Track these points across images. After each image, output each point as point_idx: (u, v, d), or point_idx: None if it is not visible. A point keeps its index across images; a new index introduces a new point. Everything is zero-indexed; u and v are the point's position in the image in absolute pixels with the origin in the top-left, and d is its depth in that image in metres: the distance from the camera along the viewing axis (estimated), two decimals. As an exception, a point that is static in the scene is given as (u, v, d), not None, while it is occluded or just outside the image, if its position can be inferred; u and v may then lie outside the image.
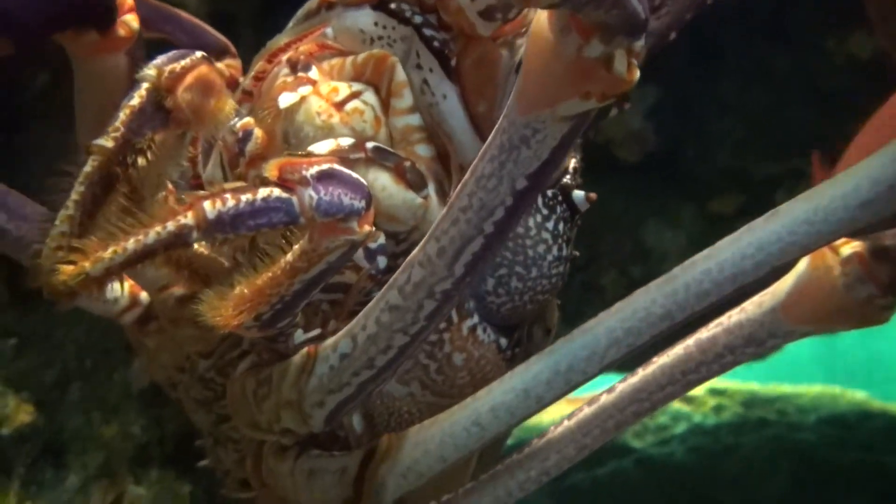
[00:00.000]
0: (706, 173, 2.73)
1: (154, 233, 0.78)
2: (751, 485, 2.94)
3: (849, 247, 0.94)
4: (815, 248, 0.88)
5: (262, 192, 0.79)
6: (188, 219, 0.77)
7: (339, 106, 0.98)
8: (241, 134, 0.99)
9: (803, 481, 2.93)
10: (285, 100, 0.98)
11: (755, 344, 0.95)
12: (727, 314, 0.97)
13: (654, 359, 0.99)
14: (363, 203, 0.81)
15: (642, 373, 0.99)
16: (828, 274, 0.92)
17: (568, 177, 1.08)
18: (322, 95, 0.99)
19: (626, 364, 1.02)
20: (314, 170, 0.80)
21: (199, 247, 0.98)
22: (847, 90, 2.40)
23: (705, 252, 0.90)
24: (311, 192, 0.79)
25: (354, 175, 0.82)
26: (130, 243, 0.77)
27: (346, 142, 0.97)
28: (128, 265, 0.78)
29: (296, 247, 0.83)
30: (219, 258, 1.00)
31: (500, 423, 0.96)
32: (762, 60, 2.52)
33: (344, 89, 0.99)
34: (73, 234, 0.82)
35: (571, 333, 0.95)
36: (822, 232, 0.84)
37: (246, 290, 0.84)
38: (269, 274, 0.84)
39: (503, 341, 1.07)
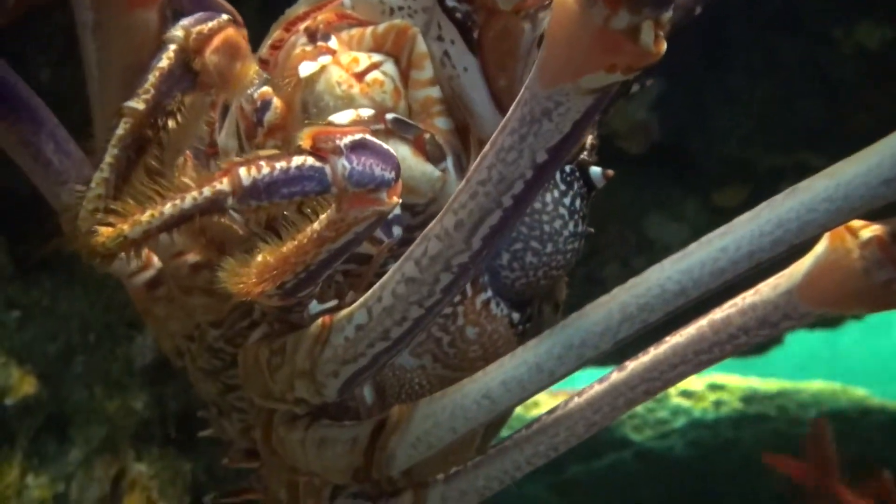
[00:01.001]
0: (711, 165, 2.72)
1: (191, 198, 0.77)
2: (750, 479, 2.95)
3: (868, 230, 0.93)
4: (834, 226, 0.87)
5: (297, 161, 0.78)
6: (224, 185, 0.77)
7: (360, 76, 0.98)
8: (259, 103, 0.99)
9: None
10: (305, 69, 0.97)
11: (769, 326, 0.94)
12: (741, 296, 0.96)
13: (667, 338, 0.98)
14: (393, 174, 0.81)
15: (654, 352, 0.98)
16: (846, 257, 0.91)
17: (585, 153, 1.07)
18: (342, 65, 0.98)
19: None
20: (347, 139, 0.79)
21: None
22: (855, 80, 2.39)
23: (722, 229, 0.89)
24: (343, 161, 0.78)
25: (385, 146, 0.81)
26: (168, 207, 0.77)
27: (366, 113, 0.96)
28: (165, 229, 0.78)
29: (322, 216, 0.82)
30: (233, 226, 0.99)
31: (511, 396, 0.95)
32: (769, 51, 2.51)
33: (364, 60, 0.99)
34: (109, 196, 0.82)
35: (584, 309, 0.94)
36: (843, 209, 0.83)
37: (270, 259, 0.83)
38: (295, 243, 0.83)
39: (515, 316, 1.07)
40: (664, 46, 0.73)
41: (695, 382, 3.51)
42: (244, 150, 1.03)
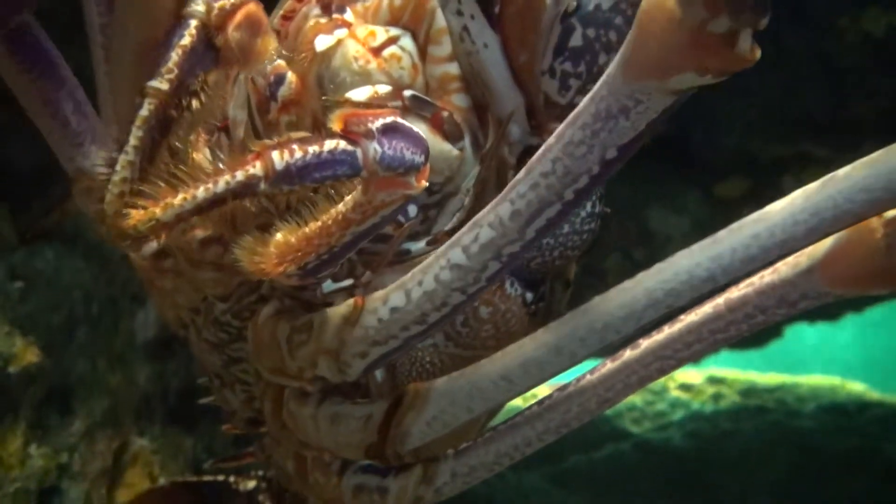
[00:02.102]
0: (713, 157, 2.70)
1: (224, 182, 0.76)
2: (748, 470, 2.95)
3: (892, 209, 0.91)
4: (870, 216, 0.85)
5: (329, 145, 0.77)
6: (257, 169, 0.76)
7: (377, 51, 0.96)
8: (272, 78, 0.97)
9: (801, 467, 2.94)
10: (321, 42, 0.95)
11: (787, 305, 0.92)
12: (759, 274, 0.94)
13: (682, 316, 0.98)
14: (422, 158, 0.80)
15: (668, 330, 0.97)
16: (869, 236, 0.89)
17: None
18: (358, 39, 0.96)
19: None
20: (379, 122, 0.78)
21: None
22: (861, 68, 2.36)
23: (754, 216, 0.87)
24: (375, 145, 0.77)
25: (416, 129, 0.80)
26: (201, 191, 0.76)
27: (384, 89, 0.94)
28: (197, 213, 0.77)
29: (348, 198, 0.81)
30: (246, 205, 0.98)
31: (530, 378, 0.94)
32: (774, 39, 2.48)
33: (381, 34, 0.97)
34: (134, 178, 0.81)
35: (608, 292, 0.93)
36: (882, 199, 0.81)
37: (293, 239, 0.82)
38: (319, 224, 0.82)
39: (529, 295, 1.06)
40: (759, 53, 0.72)
41: (694, 376, 3.52)
42: (255, 123, 1.02)
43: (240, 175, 0.76)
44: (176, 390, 1.92)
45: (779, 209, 0.86)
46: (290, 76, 0.97)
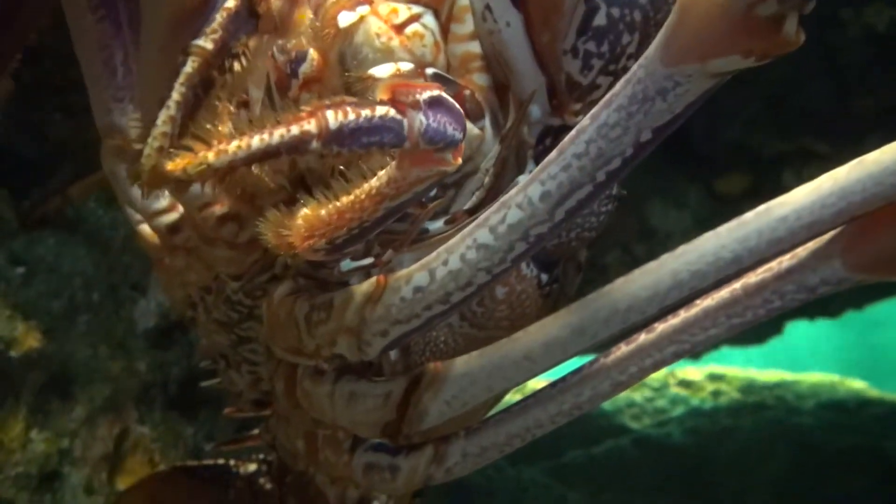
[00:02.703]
0: (714, 151, 2.70)
1: (279, 134, 0.75)
2: (748, 466, 2.95)
3: None
4: None
5: (380, 111, 0.75)
6: (311, 126, 0.74)
7: (399, 29, 0.95)
8: (294, 54, 0.96)
9: (800, 463, 2.94)
10: (344, 19, 0.94)
11: (806, 290, 0.91)
12: (777, 259, 0.94)
13: (698, 301, 0.97)
14: (461, 135, 0.79)
15: (684, 314, 0.96)
16: (892, 221, 0.89)
17: None
18: (381, 16, 0.95)
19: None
20: (426, 95, 0.77)
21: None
22: (863, 62, 2.35)
23: (781, 198, 0.86)
24: (421, 116, 0.76)
25: (457, 105, 0.79)
26: (255, 140, 0.75)
27: (406, 67, 0.93)
28: (249, 161, 0.75)
29: (381, 173, 0.80)
30: (265, 179, 0.97)
31: (552, 358, 0.94)
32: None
33: (403, 11, 0.95)
34: (175, 134, 0.80)
35: (632, 273, 0.92)
36: None
37: (323, 213, 0.81)
38: (352, 198, 0.81)
39: (544, 277, 1.06)
40: (803, 37, 0.71)
41: (694, 372, 3.52)
42: (273, 101, 1.00)
43: (294, 129, 0.75)
44: (176, 379, 1.90)
45: (806, 192, 0.85)
46: (313, 53, 0.95)
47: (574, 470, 2.93)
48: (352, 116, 0.75)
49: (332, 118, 0.74)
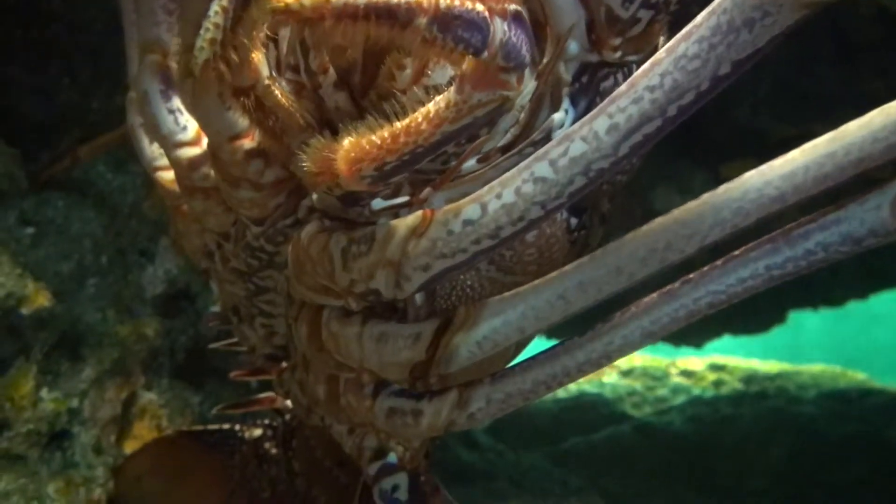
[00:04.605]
0: (721, 136, 2.68)
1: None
2: (748, 454, 2.95)
3: None
4: None
5: (479, 7, 0.74)
6: (424, 2, 0.73)
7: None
8: None
9: (801, 451, 2.94)
10: None
11: (852, 242, 0.89)
12: (821, 211, 0.92)
13: (735, 252, 0.96)
14: (529, 60, 0.78)
15: (722, 264, 0.95)
16: None
17: None
18: None
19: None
20: (512, 7, 0.76)
21: (282, 96, 0.94)
22: (876, 44, 2.34)
23: (829, 135, 0.85)
24: (505, 26, 0.75)
25: (530, 28, 0.79)
26: None
27: None
28: (358, 14, 0.72)
29: (439, 98, 0.79)
30: (296, 114, 0.96)
31: (587, 298, 0.92)
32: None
33: None
34: (222, 38, 0.79)
35: (672, 212, 0.91)
36: None
37: (374, 137, 0.80)
38: (407, 121, 0.79)
39: (573, 221, 1.05)
40: None
41: (695, 363, 3.52)
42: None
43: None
44: (183, 347, 1.88)
45: (856, 127, 0.83)
46: None
47: (574, 456, 2.93)
48: (457, 3, 0.73)
49: (444, 1, 0.73)
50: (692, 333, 3.36)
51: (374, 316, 1.02)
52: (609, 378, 3.44)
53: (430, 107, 0.79)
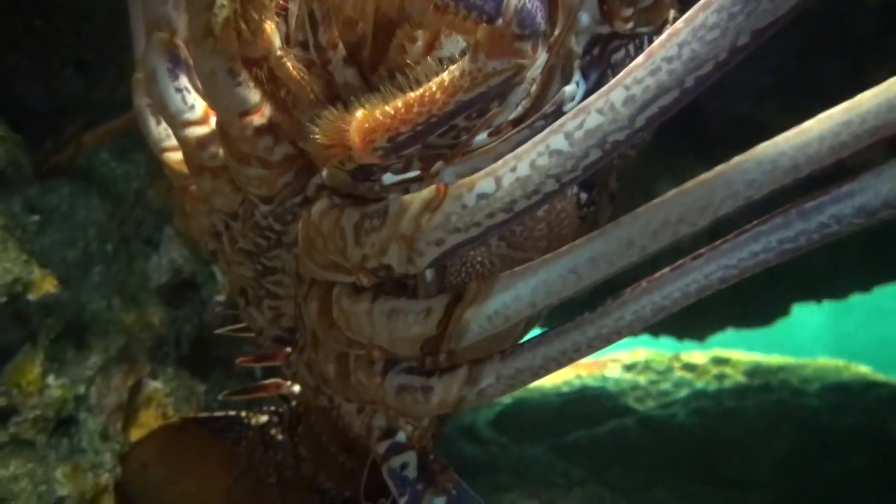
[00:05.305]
0: (724, 128, 2.69)
1: None
2: (752, 445, 2.95)
3: None
4: None
5: None
6: None
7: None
8: None
9: (804, 443, 2.94)
10: None
11: (866, 214, 0.88)
12: (836, 184, 0.92)
13: (748, 226, 0.96)
14: (544, 29, 0.78)
15: (733, 239, 0.95)
16: None
17: None
18: None
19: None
20: None
21: (293, 68, 0.94)
22: (879, 33, 2.34)
23: (845, 104, 0.84)
24: None
25: None
26: None
27: None
28: None
29: (454, 67, 0.79)
30: (307, 88, 0.96)
31: (598, 272, 0.91)
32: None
33: None
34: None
35: (685, 185, 0.90)
36: None
37: (387, 107, 0.79)
38: (421, 91, 0.79)
39: (584, 196, 1.05)
40: None
41: (698, 356, 3.51)
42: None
43: None
44: (188, 337, 1.89)
45: (872, 95, 0.83)
46: None
47: (577, 448, 2.92)
48: None
49: None
50: (695, 326, 3.36)
51: (385, 293, 1.01)
52: (612, 372, 3.44)
53: (445, 76, 0.79)
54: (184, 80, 1.08)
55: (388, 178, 0.98)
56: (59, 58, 1.95)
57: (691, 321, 3.21)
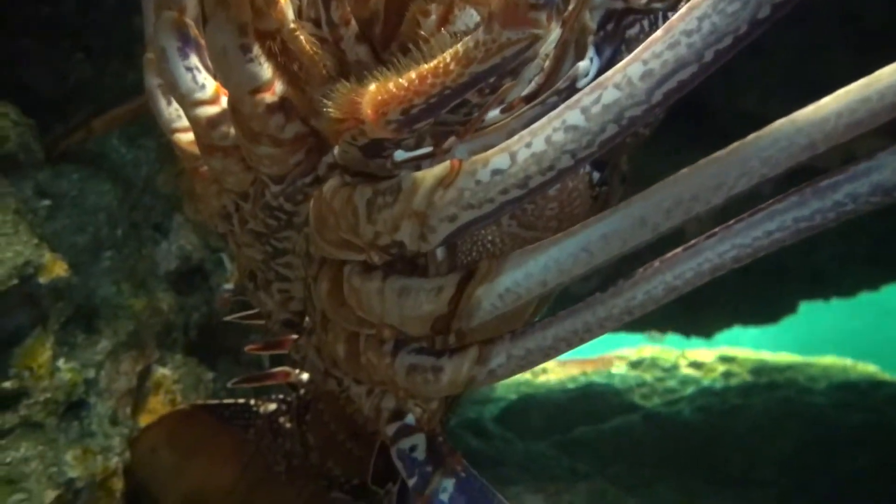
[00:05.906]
0: (730, 123, 2.68)
1: None
2: (757, 443, 2.94)
3: None
4: None
5: None
6: None
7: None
8: None
9: (810, 441, 2.93)
10: None
11: (882, 192, 0.87)
12: (852, 163, 0.92)
13: (763, 205, 0.95)
14: None
15: (748, 218, 0.94)
16: None
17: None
18: None
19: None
20: None
21: (306, 42, 0.94)
22: (885, 26, 2.33)
23: (863, 81, 0.84)
24: None
25: None
26: None
27: None
28: None
29: (468, 38, 0.79)
30: (319, 63, 0.96)
31: (610, 250, 0.91)
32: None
33: None
34: None
35: (699, 162, 0.89)
36: None
37: (401, 79, 0.79)
38: (435, 62, 0.79)
39: (596, 175, 1.05)
40: None
41: (705, 354, 3.51)
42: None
43: None
44: (197, 324, 1.89)
45: (891, 71, 0.82)
46: None
47: (582, 444, 2.92)
48: None
49: None
50: (702, 323, 3.35)
51: (396, 272, 1.01)
52: (618, 369, 3.43)
53: (459, 47, 0.78)
54: (194, 59, 1.08)
55: (400, 154, 0.97)
56: (69, 43, 1.95)
57: (698, 317, 3.20)
